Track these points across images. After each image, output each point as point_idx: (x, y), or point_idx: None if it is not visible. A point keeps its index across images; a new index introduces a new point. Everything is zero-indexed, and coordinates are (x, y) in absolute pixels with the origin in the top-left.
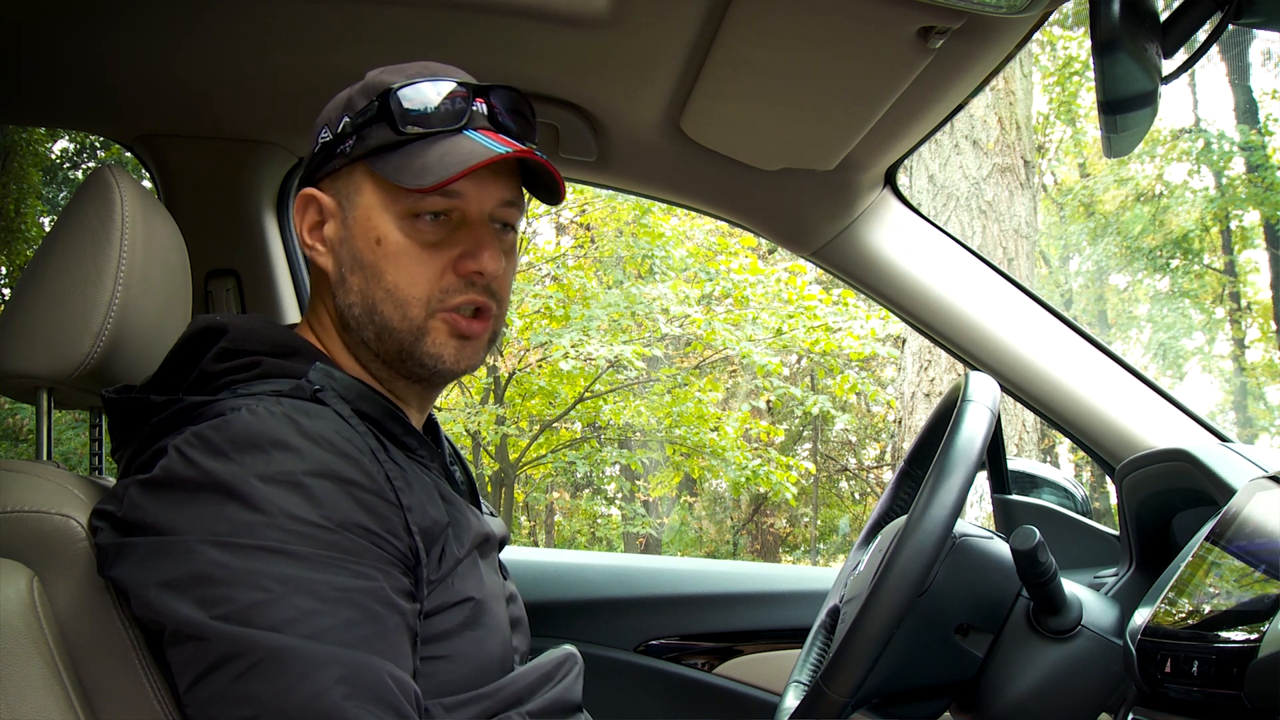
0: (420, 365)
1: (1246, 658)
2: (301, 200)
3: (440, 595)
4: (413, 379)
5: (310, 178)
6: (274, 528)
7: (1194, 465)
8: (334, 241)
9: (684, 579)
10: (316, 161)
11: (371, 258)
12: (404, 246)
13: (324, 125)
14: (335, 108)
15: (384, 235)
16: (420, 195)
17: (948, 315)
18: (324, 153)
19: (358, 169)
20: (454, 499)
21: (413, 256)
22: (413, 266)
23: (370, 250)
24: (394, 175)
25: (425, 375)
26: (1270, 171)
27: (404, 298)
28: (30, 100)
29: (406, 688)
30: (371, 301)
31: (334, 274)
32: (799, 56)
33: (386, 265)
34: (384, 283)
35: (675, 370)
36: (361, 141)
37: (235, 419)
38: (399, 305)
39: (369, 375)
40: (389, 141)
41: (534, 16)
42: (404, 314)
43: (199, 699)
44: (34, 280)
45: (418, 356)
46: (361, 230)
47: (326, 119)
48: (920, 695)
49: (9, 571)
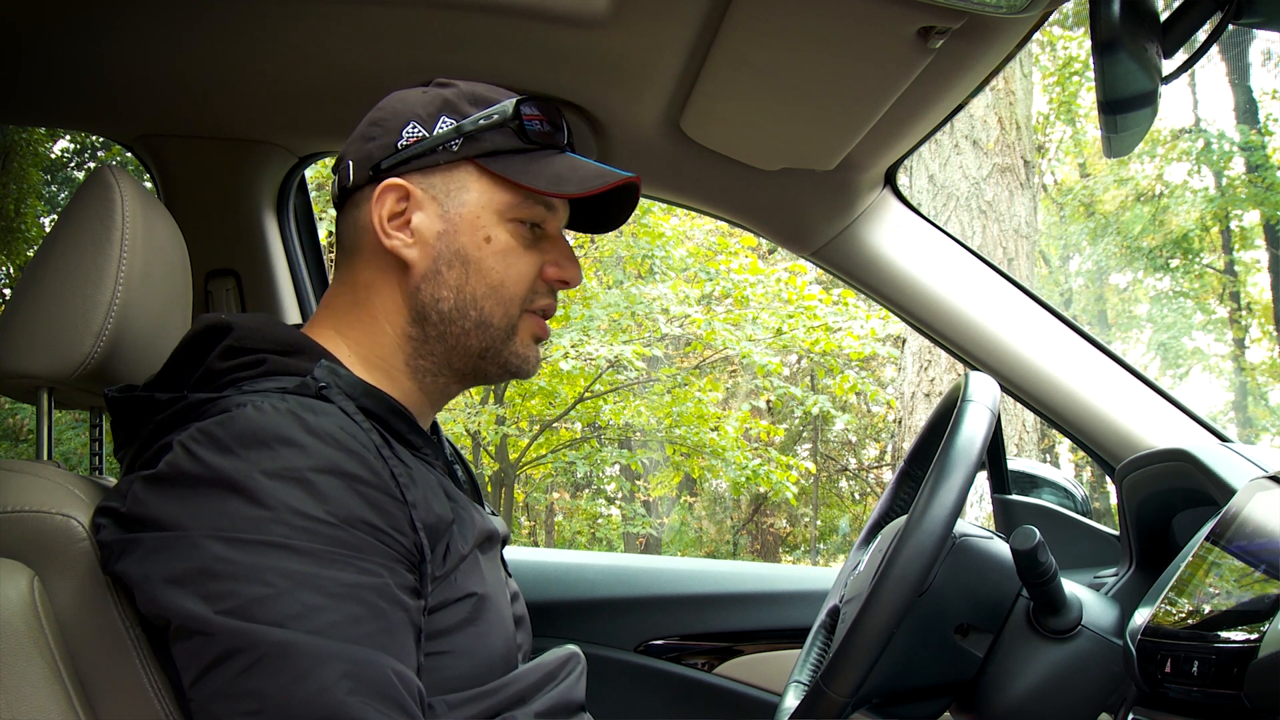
0: (502, 364)
1: (1246, 658)
2: (385, 189)
3: (444, 591)
4: (472, 377)
5: (390, 169)
6: (279, 523)
7: (1194, 465)
8: (428, 235)
9: (684, 579)
10: (404, 155)
11: (479, 254)
12: (511, 247)
13: (409, 120)
14: (423, 105)
15: (493, 234)
16: (533, 199)
17: (948, 315)
18: (418, 147)
19: (463, 167)
20: (458, 496)
21: (517, 256)
22: (517, 265)
23: (479, 246)
24: (523, 178)
25: (496, 374)
26: (1270, 171)
27: (508, 295)
28: (30, 100)
29: (410, 684)
30: (471, 297)
31: (423, 267)
32: (799, 56)
33: (495, 263)
34: (489, 279)
35: (675, 370)
36: (475, 143)
37: (240, 415)
38: (501, 302)
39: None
40: (509, 148)
41: (534, 16)
42: (505, 310)
43: (203, 694)
44: (34, 280)
45: (503, 355)
46: (469, 226)
47: (409, 115)
48: (920, 695)
49: (9, 571)
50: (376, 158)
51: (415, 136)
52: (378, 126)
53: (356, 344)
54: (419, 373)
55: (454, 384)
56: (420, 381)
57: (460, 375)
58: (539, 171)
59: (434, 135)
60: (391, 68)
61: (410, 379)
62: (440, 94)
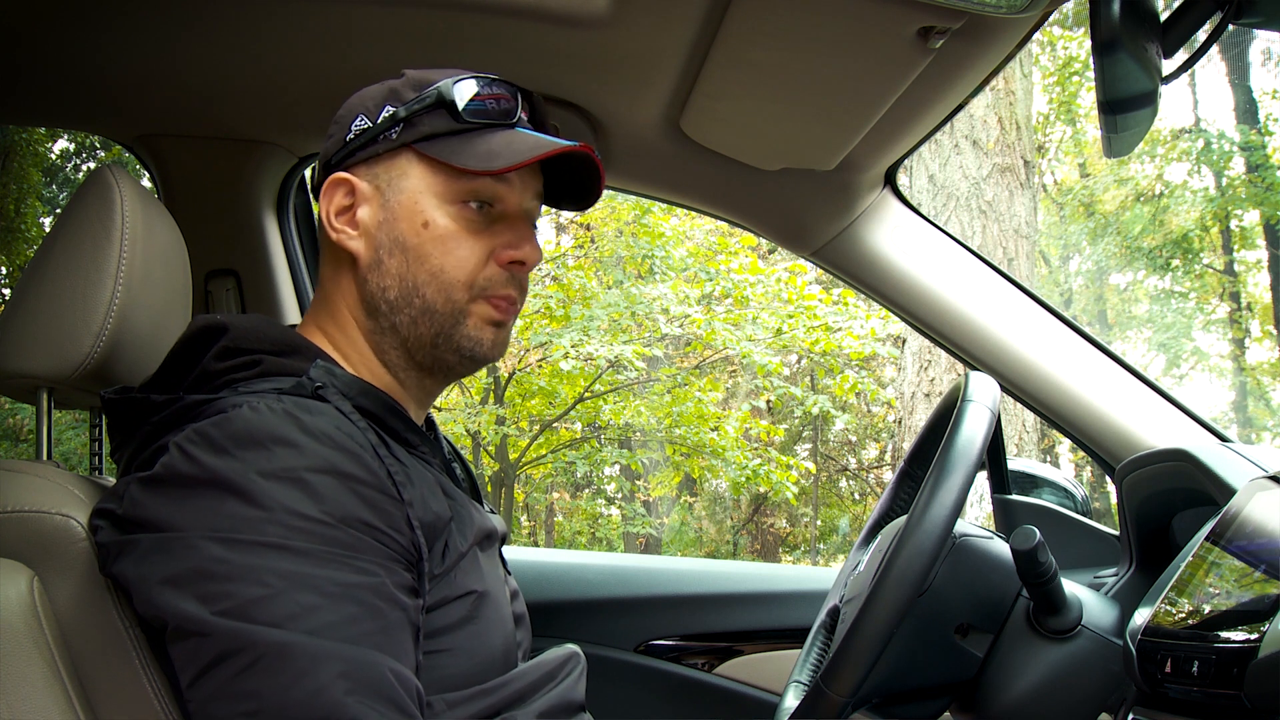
0: (456, 350)
1: (1246, 658)
2: (332, 184)
3: (443, 589)
4: (436, 369)
5: (339, 163)
6: (275, 523)
7: (1194, 465)
8: (370, 225)
9: (684, 579)
10: (350, 147)
11: (416, 240)
12: (451, 231)
13: (357, 114)
14: (372, 97)
15: (431, 219)
16: (473, 180)
17: (948, 315)
18: (361, 139)
19: (403, 154)
20: (456, 494)
21: (459, 241)
22: (459, 250)
23: (416, 233)
24: (455, 158)
25: (454, 361)
26: (1270, 171)
27: (449, 280)
28: (30, 100)
29: (408, 683)
30: (413, 284)
31: (367, 257)
32: (799, 56)
33: (433, 248)
34: (429, 265)
35: (675, 370)
36: (412, 128)
37: (236, 416)
38: (443, 288)
39: (383, 369)
40: (445, 129)
41: (534, 16)
42: (448, 296)
43: (201, 695)
44: (34, 280)
45: (455, 340)
46: (407, 213)
47: (361, 108)
48: (920, 695)
49: (9, 571)
50: (329, 154)
51: (360, 128)
52: (336, 124)
53: (337, 342)
54: (391, 367)
55: (426, 379)
56: (396, 377)
57: (425, 369)
58: (471, 150)
59: (376, 125)
60: (391, 68)
61: (387, 373)
62: (389, 84)
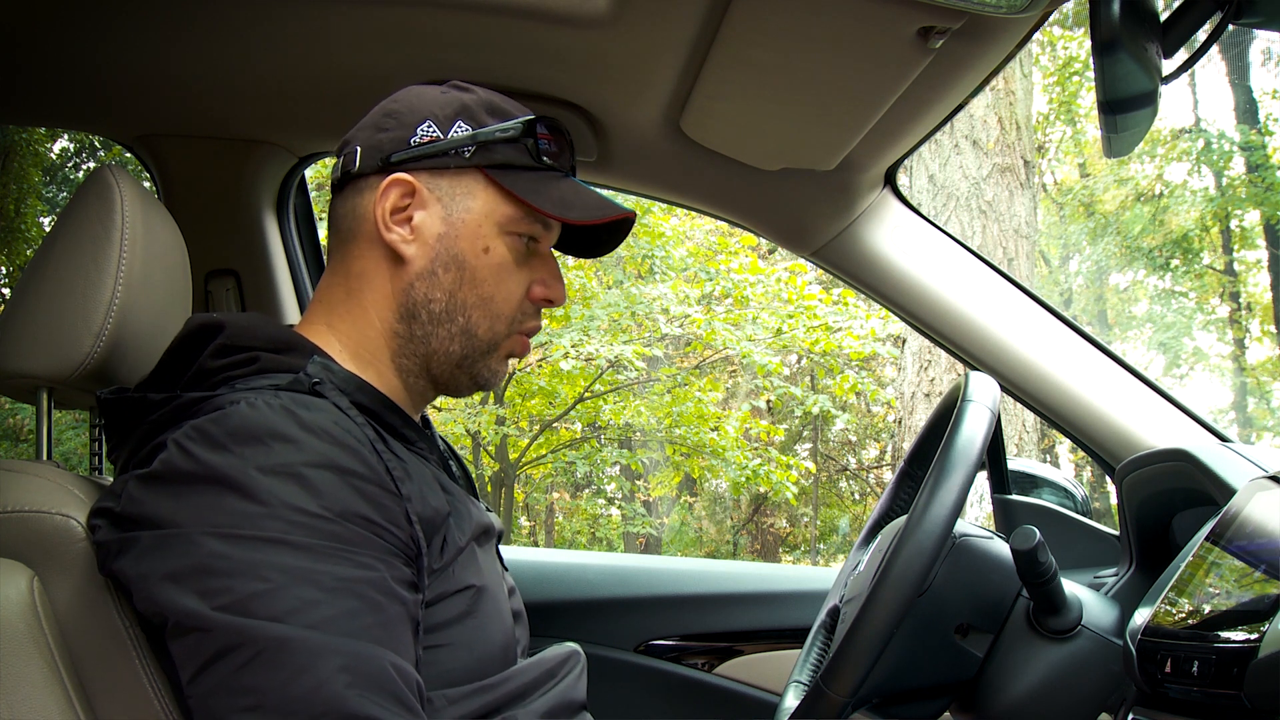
0: (473, 377)
1: (1246, 658)
2: (392, 183)
3: (442, 584)
4: (447, 385)
5: (400, 163)
6: (274, 518)
7: (1194, 465)
8: (428, 234)
9: (684, 579)
10: (416, 152)
11: (476, 263)
12: (506, 261)
13: (425, 119)
14: (439, 105)
15: (492, 245)
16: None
17: (948, 315)
18: (430, 147)
19: (472, 175)
20: (453, 488)
21: (510, 272)
22: (509, 282)
23: (476, 255)
24: (532, 198)
25: (467, 386)
26: (1270, 171)
27: (496, 311)
28: (29, 100)
29: (409, 677)
30: (461, 303)
31: (422, 265)
32: (799, 56)
33: (488, 274)
34: (481, 290)
35: (675, 370)
36: (487, 153)
37: (234, 412)
38: (489, 316)
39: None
40: (520, 164)
41: (534, 16)
42: (491, 325)
43: (201, 690)
44: (34, 280)
45: (477, 368)
46: (470, 233)
47: (426, 113)
48: (920, 695)
49: (9, 571)
50: (388, 149)
51: (430, 136)
52: (391, 119)
53: (346, 336)
54: (403, 371)
55: (430, 389)
56: (404, 380)
57: (436, 382)
58: (546, 193)
59: (449, 138)
60: (391, 68)
61: (396, 376)
62: (459, 98)
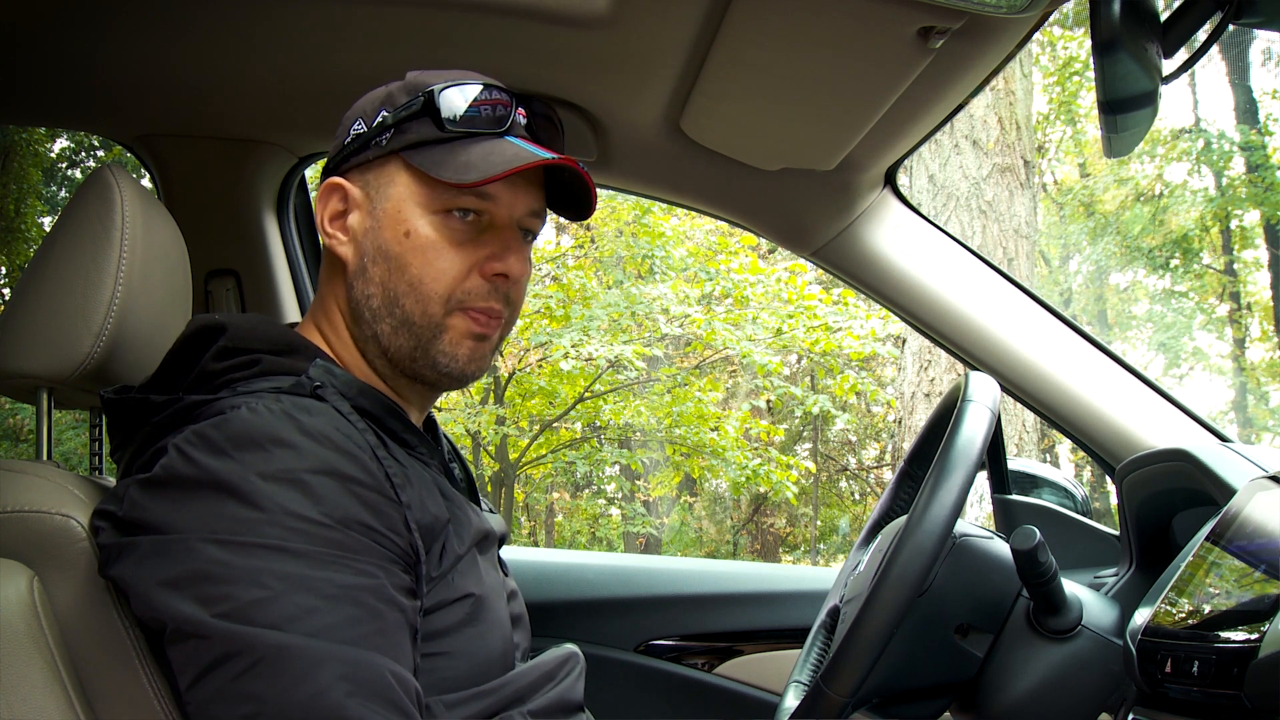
0: (432, 365)
1: (1246, 658)
2: (326, 189)
3: (441, 592)
4: (418, 379)
5: (336, 168)
6: (274, 525)
7: (1194, 465)
8: (358, 231)
9: (684, 579)
10: (346, 152)
11: (398, 249)
12: (432, 241)
13: (357, 118)
14: (371, 102)
15: (413, 228)
16: (457, 191)
17: (948, 315)
18: (356, 144)
19: (392, 162)
20: (454, 495)
21: (440, 252)
22: (439, 261)
23: (398, 242)
24: (434, 169)
25: (433, 377)
26: (1270, 171)
27: (427, 292)
28: (30, 100)
29: (408, 684)
30: (393, 293)
31: (354, 263)
32: (799, 56)
33: (413, 258)
34: (408, 275)
35: (675, 370)
36: (400, 135)
37: (235, 417)
38: (421, 299)
39: (373, 373)
40: (431, 138)
41: (534, 16)
42: (425, 309)
43: (200, 697)
44: (34, 280)
45: (431, 355)
46: (391, 221)
47: (360, 111)
48: (920, 695)
49: (9, 571)
50: (330, 156)
51: (356, 133)
52: (340, 126)
53: (332, 343)
54: (380, 374)
55: (416, 385)
56: (387, 382)
57: (414, 377)
58: (452, 161)
59: (370, 130)
60: (391, 68)
61: (377, 378)
62: (390, 87)
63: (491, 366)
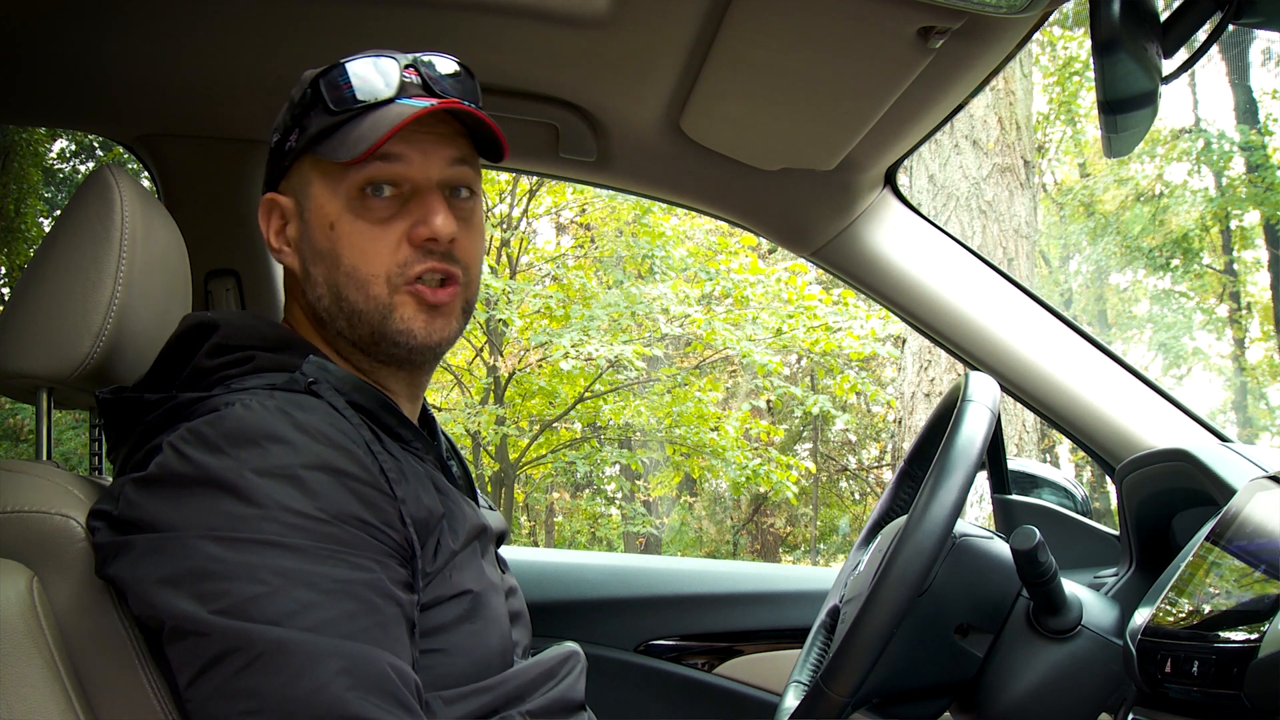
0: (394, 344)
1: (1246, 658)
2: (264, 207)
3: (437, 588)
4: (391, 362)
5: (272, 184)
6: (270, 521)
7: (1194, 465)
8: (296, 239)
9: (684, 579)
10: (271, 166)
11: (328, 245)
12: (355, 227)
13: (273, 130)
14: (282, 111)
15: (335, 220)
16: (358, 167)
17: (948, 315)
18: (275, 155)
19: (305, 162)
20: (449, 490)
21: (365, 235)
22: (366, 245)
23: (326, 238)
24: (332, 154)
25: (401, 355)
26: (1270, 171)
27: (363, 277)
28: (30, 100)
29: (407, 678)
30: (337, 289)
31: (300, 271)
32: (799, 56)
33: (342, 248)
34: (344, 267)
35: (675, 370)
36: (304, 132)
37: (229, 414)
38: (360, 286)
39: (354, 369)
40: (327, 125)
41: (534, 16)
42: (367, 294)
43: (200, 694)
44: (34, 280)
45: (389, 335)
46: (317, 220)
47: (276, 126)
48: (920, 695)
49: (9, 571)
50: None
51: (273, 145)
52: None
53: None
54: (363, 370)
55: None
56: (374, 376)
57: (386, 363)
58: (345, 140)
59: (282, 136)
60: None
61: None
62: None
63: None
